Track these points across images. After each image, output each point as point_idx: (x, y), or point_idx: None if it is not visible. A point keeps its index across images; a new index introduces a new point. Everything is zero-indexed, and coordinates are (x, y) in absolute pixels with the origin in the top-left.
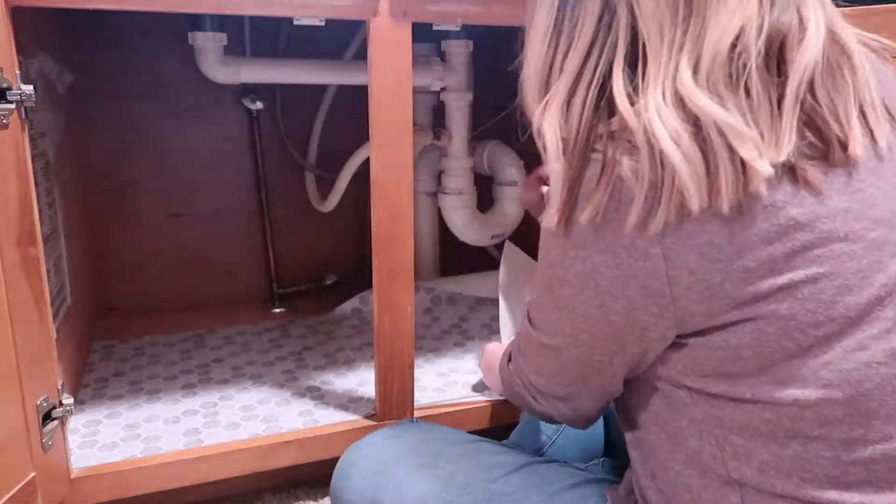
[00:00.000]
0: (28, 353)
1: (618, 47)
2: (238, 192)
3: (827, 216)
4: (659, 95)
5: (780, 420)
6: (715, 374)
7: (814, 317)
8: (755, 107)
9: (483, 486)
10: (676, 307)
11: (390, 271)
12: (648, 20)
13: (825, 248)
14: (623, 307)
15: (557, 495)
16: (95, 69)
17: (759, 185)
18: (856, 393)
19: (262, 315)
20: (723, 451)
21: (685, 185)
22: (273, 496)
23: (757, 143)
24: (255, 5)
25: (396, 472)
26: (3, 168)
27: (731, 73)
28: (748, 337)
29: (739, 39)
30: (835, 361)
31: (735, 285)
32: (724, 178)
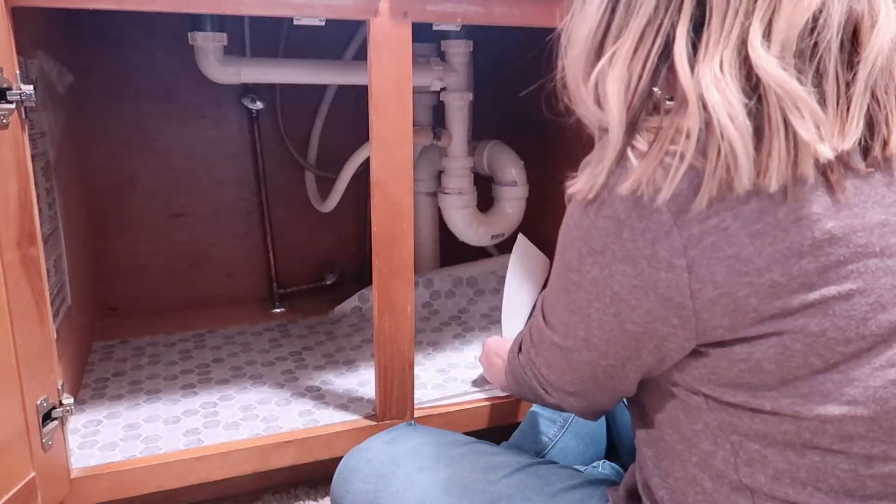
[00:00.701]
0: (28, 353)
1: (683, 8)
2: (238, 192)
3: (863, 230)
4: (717, 64)
5: (800, 432)
6: (734, 385)
7: (843, 334)
8: (827, 88)
9: (483, 488)
10: (698, 320)
11: (390, 271)
12: None
13: (860, 262)
14: (640, 317)
15: (558, 496)
16: (95, 69)
17: (809, 168)
18: (881, 410)
19: (262, 315)
20: (736, 457)
21: (735, 158)
22: (273, 496)
23: (820, 122)
24: (255, 5)
25: (397, 476)
26: (3, 168)
27: (804, 48)
28: (772, 350)
29: (821, 13)
30: (861, 378)
31: (762, 300)
32: (776, 155)
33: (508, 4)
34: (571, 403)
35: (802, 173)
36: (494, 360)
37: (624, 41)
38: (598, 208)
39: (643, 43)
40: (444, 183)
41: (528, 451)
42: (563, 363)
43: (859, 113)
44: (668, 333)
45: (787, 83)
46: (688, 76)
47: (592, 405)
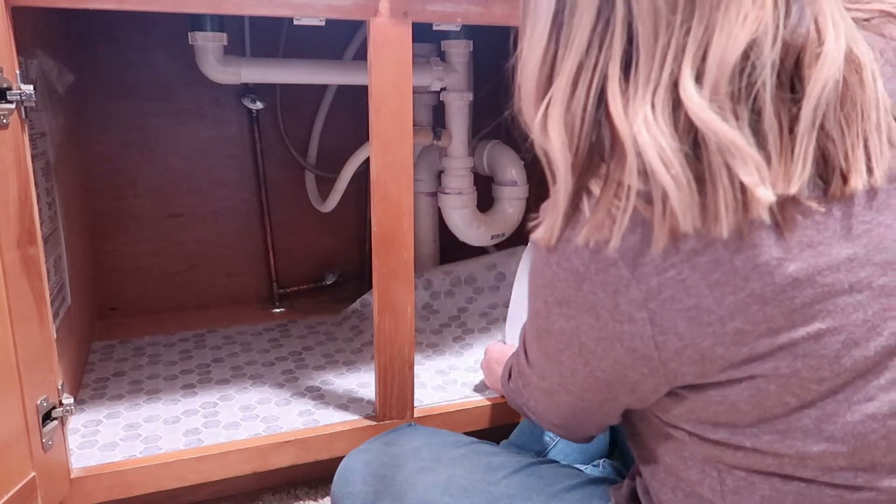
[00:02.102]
0: (28, 353)
1: (613, 46)
2: (238, 192)
3: (828, 268)
4: (648, 107)
5: (782, 466)
6: (713, 423)
7: (817, 373)
8: (765, 129)
9: (484, 489)
10: (667, 369)
11: (390, 271)
12: (644, 17)
13: (828, 301)
14: (609, 366)
15: (559, 496)
16: (95, 69)
17: (761, 211)
18: (860, 445)
19: (262, 315)
20: (723, 485)
21: (675, 207)
22: (273, 496)
23: (761, 167)
24: (255, 5)
25: (397, 478)
26: (3, 168)
27: (739, 88)
28: (746, 393)
29: (752, 49)
30: (839, 414)
31: (728, 348)
32: (722, 202)
33: (508, 4)
34: (559, 432)
35: (755, 218)
36: (495, 367)
37: (560, 82)
38: (559, 260)
39: (579, 83)
40: (444, 183)
41: (529, 450)
42: (546, 401)
43: (805, 153)
44: (638, 380)
45: (720, 129)
46: (622, 119)
47: (579, 434)
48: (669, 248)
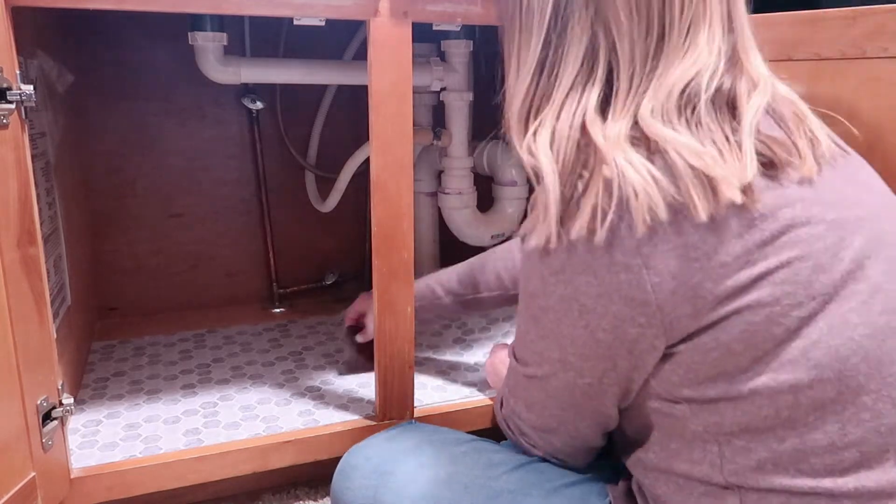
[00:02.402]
0: (28, 353)
1: (596, 81)
2: (238, 192)
3: (786, 205)
4: (621, 128)
5: (779, 413)
6: (711, 378)
7: (795, 298)
8: (704, 134)
9: (484, 485)
10: (663, 314)
11: (390, 271)
12: (624, 62)
13: (791, 233)
14: (609, 323)
15: (558, 492)
16: (95, 69)
17: (731, 193)
18: (844, 368)
19: (262, 315)
20: (722, 458)
21: (654, 202)
22: (273, 496)
23: (716, 159)
24: (255, 5)
25: (397, 473)
26: (3, 168)
27: (681, 108)
28: (737, 330)
29: (692, 82)
30: (822, 339)
31: (715, 282)
32: (694, 193)
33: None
34: (556, 445)
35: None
36: (500, 367)
37: (546, 114)
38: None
39: (562, 115)
40: (444, 183)
41: None
42: (542, 394)
43: (750, 149)
44: (637, 335)
45: (673, 138)
46: (601, 141)
47: (577, 440)
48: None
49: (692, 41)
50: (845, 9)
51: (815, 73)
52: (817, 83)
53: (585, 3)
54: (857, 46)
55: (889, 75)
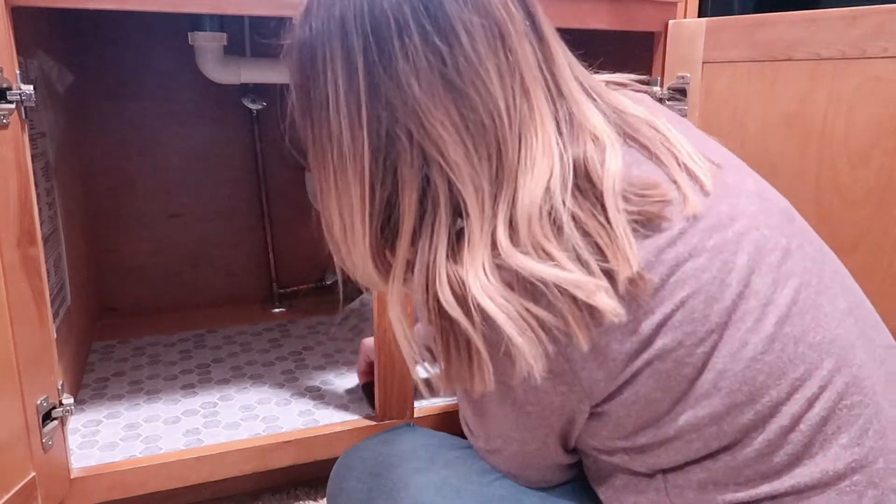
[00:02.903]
0: (28, 353)
1: (441, 228)
2: (238, 192)
3: (666, 245)
4: (481, 272)
5: (708, 444)
6: (639, 427)
7: (695, 336)
8: (581, 244)
9: (477, 490)
10: (581, 379)
11: None
12: (470, 198)
13: (678, 272)
14: (534, 397)
15: (552, 497)
16: (95, 69)
17: (611, 318)
18: (753, 389)
19: (262, 315)
20: (666, 483)
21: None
22: (273, 496)
23: (596, 281)
24: (256, 5)
25: (391, 476)
26: (3, 168)
27: (550, 223)
28: (651, 381)
29: (547, 194)
30: (727, 367)
31: (621, 342)
32: (577, 329)
33: None
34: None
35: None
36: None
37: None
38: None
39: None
40: None
41: None
42: (500, 461)
43: (625, 232)
44: (562, 402)
45: (541, 271)
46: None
47: (544, 481)
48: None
49: (527, 154)
50: (845, 9)
51: (815, 73)
52: (817, 83)
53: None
54: (857, 46)
55: (889, 75)
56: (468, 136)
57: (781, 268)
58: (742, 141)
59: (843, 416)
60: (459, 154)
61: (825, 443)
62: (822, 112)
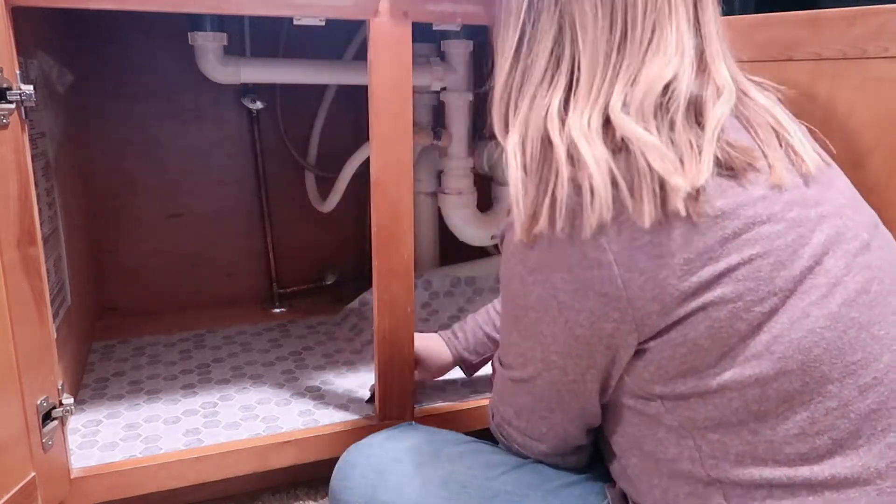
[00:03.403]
0: (28, 353)
1: (563, 76)
2: (238, 192)
3: (747, 203)
4: (585, 121)
5: (748, 406)
6: (681, 373)
7: (756, 294)
8: (677, 138)
9: (482, 485)
10: (634, 308)
11: (390, 271)
12: (585, 57)
13: (752, 231)
14: (586, 318)
15: (556, 492)
16: (95, 69)
17: (678, 203)
18: (807, 359)
19: (262, 315)
20: (700, 452)
21: (605, 204)
22: (273, 496)
23: (677, 165)
24: (255, 5)
25: (395, 472)
26: (3, 168)
27: (657, 108)
28: (703, 326)
29: (672, 84)
30: (784, 333)
31: (680, 278)
32: (645, 197)
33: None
34: (545, 451)
35: (672, 209)
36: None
37: (520, 107)
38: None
39: (534, 108)
40: (444, 183)
41: None
42: (529, 398)
43: (709, 158)
44: (612, 330)
45: (642, 136)
46: (557, 139)
47: (566, 441)
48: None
49: (659, 42)
50: (845, 9)
51: (815, 73)
52: (817, 83)
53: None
54: (857, 46)
55: (889, 75)
56: (604, 6)
57: (858, 258)
58: None
59: (894, 414)
60: (592, 19)
61: (872, 437)
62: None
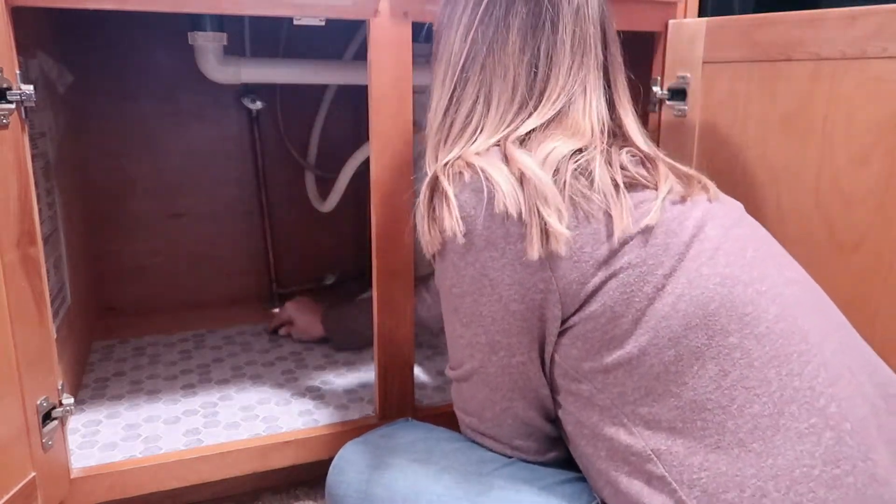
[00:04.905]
0: (28, 353)
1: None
2: (238, 192)
3: (641, 201)
4: (480, 147)
5: (667, 368)
6: (604, 344)
7: (657, 258)
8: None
9: (476, 480)
10: (557, 278)
11: (390, 271)
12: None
13: (642, 207)
14: (517, 292)
15: (550, 489)
16: (95, 69)
17: (557, 245)
18: (706, 313)
19: (262, 315)
20: (636, 426)
21: (502, 188)
22: (273, 496)
23: (560, 203)
24: (255, 5)
25: (390, 467)
26: (3, 168)
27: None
28: (617, 293)
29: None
30: (684, 292)
31: (593, 246)
32: (533, 230)
33: None
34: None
35: (551, 246)
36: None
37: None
38: (455, 249)
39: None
40: None
41: None
42: (485, 390)
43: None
44: (542, 301)
45: (530, 164)
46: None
47: (532, 432)
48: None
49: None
50: (845, 9)
51: (815, 73)
52: (817, 83)
53: (480, 68)
54: (857, 46)
55: (889, 75)
56: (522, 89)
57: (731, 230)
58: (742, 141)
59: (794, 360)
60: (508, 84)
61: (782, 385)
62: (822, 112)
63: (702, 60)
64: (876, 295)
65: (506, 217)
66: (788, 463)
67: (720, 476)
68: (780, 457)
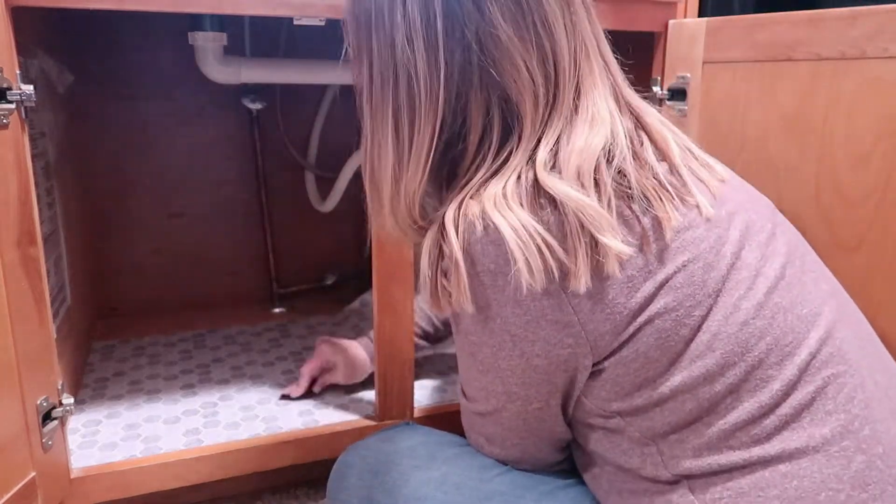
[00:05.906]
0: (28, 353)
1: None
2: (238, 192)
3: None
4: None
5: (700, 404)
6: (636, 387)
7: (694, 299)
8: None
9: (476, 486)
10: (587, 332)
11: (390, 271)
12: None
13: (679, 240)
14: (542, 348)
15: (552, 494)
16: (95, 69)
17: (613, 266)
18: (745, 350)
19: (262, 315)
20: (662, 456)
21: (522, 271)
22: (273, 496)
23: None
24: (255, 5)
25: (391, 473)
26: (3, 168)
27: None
28: (651, 339)
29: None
30: (721, 330)
31: (626, 296)
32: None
33: None
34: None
35: (607, 273)
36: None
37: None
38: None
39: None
40: None
41: None
42: (497, 428)
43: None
44: (568, 355)
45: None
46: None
47: (541, 461)
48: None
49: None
50: (845, 9)
51: (815, 73)
52: (817, 83)
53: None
54: (857, 46)
55: (889, 75)
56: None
57: (769, 247)
58: (742, 141)
59: (831, 384)
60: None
61: (814, 409)
62: (822, 112)
63: (702, 60)
64: (876, 295)
65: (531, 277)
66: (815, 486)
67: (742, 496)
68: (807, 479)
